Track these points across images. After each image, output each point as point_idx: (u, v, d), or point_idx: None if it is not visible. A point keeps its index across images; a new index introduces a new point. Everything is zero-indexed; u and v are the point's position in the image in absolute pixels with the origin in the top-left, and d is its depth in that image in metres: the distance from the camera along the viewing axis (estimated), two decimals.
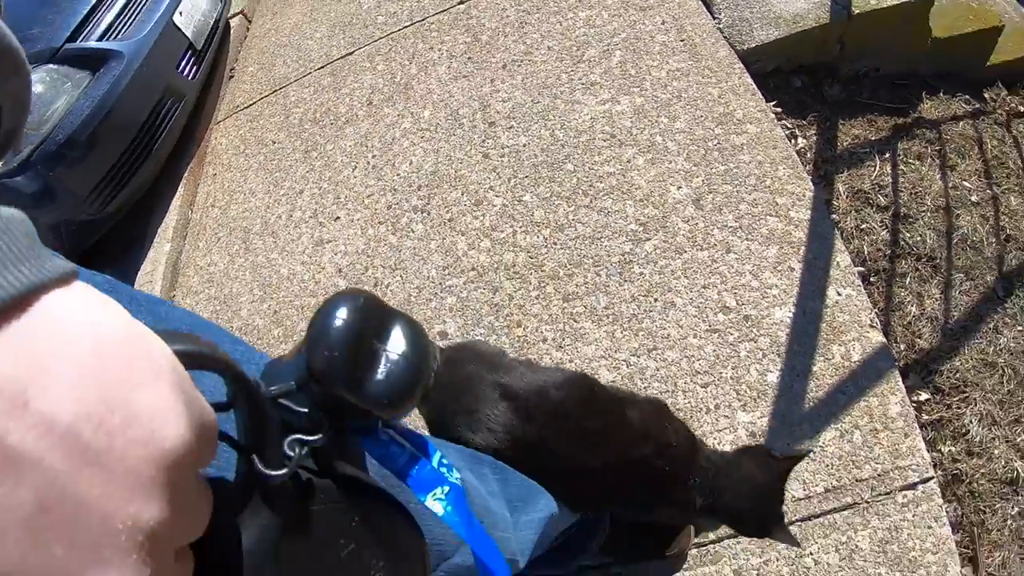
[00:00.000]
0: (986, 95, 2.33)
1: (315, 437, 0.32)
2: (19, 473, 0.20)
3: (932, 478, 1.41)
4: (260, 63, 2.85)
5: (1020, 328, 1.79)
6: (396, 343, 0.37)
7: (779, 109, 2.08)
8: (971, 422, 1.63)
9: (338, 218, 2.11)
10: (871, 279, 1.82)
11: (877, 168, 2.00)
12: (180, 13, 2.57)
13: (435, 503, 0.41)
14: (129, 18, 2.44)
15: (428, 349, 0.38)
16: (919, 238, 1.87)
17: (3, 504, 0.19)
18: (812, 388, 1.52)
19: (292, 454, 0.31)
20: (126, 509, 0.21)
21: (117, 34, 2.38)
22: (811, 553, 1.36)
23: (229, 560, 0.29)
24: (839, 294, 1.64)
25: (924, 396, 1.68)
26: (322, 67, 2.62)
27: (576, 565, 1.39)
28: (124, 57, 2.32)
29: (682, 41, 2.12)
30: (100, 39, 2.33)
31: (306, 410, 0.34)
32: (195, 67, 2.68)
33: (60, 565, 0.20)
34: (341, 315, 0.35)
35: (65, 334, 0.22)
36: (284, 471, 0.30)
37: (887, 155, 2.03)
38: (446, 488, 0.41)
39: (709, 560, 1.38)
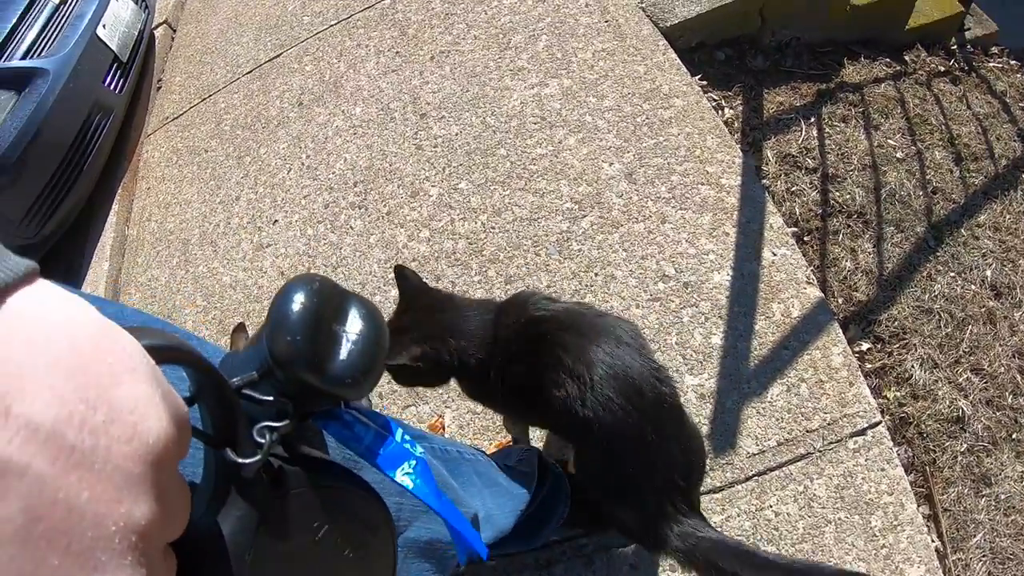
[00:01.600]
0: (906, 57, 2.41)
1: (283, 423, 0.33)
2: (6, 483, 0.19)
3: (880, 423, 1.44)
4: (187, 72, 2.78)
5: (953, 274, 1.84)
6: (354, 323, 0.37)
7: (704, 82, 2.11)
8: (913, 367, 1.67)
9: (276, 221, 2.07)
10: (805, 239, 1.86)
11: (803, 132, 2.05)
12: (103, 26, 2.49)
13: (404, 477, 0.42)
14: (52, 34, 2.35)
15: (384, 327, 0.39)
16: (848, 196, 1.92)
17: None
18: (756, 347, 1.55)
19: (263, 441, 0.31)
20: (117, 510, 0.20)
21: (41, 51, 2.29)
22: (771, 505, 1.37)
23: (207, 556, 0.30)
24: (774, 254, 1.66)
25: (866, 346, 1.72)
26: (250, 71, 2.58)
27: (543, 539, 1.38)
28: (49, 74, 2.24)
29: (606, 22, 2.15)
30: (24, 57, 2.24)
31: (271, 398, 0.34)
32: (122, 80, 2.60)
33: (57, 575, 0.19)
34: (299, 300, 0.35)
35: (39, 335, 0.21)
36: (258, 458, 0.30)
37: (812, 119, 2.08)
38: (413, 462, 0.42)
39: None
